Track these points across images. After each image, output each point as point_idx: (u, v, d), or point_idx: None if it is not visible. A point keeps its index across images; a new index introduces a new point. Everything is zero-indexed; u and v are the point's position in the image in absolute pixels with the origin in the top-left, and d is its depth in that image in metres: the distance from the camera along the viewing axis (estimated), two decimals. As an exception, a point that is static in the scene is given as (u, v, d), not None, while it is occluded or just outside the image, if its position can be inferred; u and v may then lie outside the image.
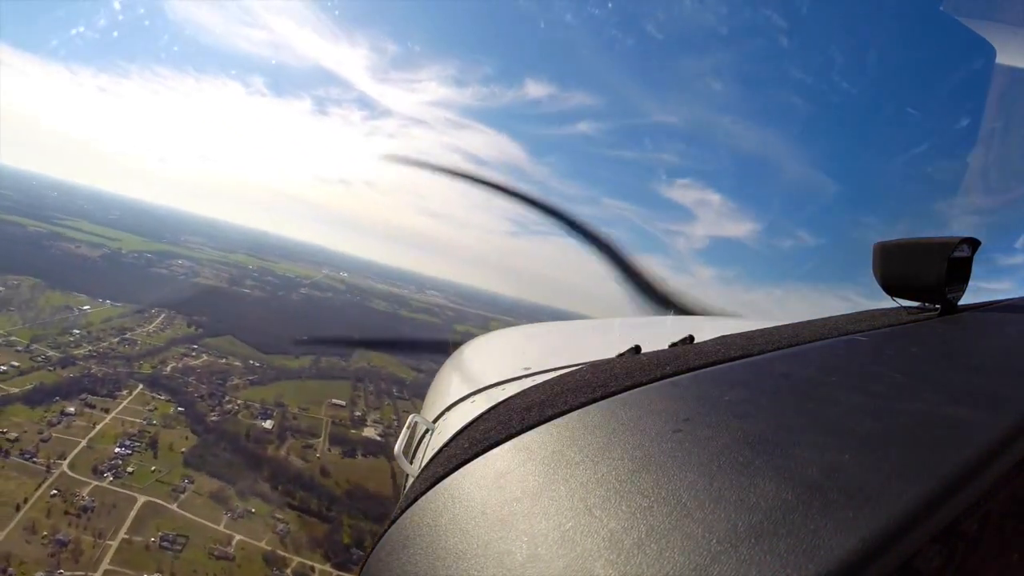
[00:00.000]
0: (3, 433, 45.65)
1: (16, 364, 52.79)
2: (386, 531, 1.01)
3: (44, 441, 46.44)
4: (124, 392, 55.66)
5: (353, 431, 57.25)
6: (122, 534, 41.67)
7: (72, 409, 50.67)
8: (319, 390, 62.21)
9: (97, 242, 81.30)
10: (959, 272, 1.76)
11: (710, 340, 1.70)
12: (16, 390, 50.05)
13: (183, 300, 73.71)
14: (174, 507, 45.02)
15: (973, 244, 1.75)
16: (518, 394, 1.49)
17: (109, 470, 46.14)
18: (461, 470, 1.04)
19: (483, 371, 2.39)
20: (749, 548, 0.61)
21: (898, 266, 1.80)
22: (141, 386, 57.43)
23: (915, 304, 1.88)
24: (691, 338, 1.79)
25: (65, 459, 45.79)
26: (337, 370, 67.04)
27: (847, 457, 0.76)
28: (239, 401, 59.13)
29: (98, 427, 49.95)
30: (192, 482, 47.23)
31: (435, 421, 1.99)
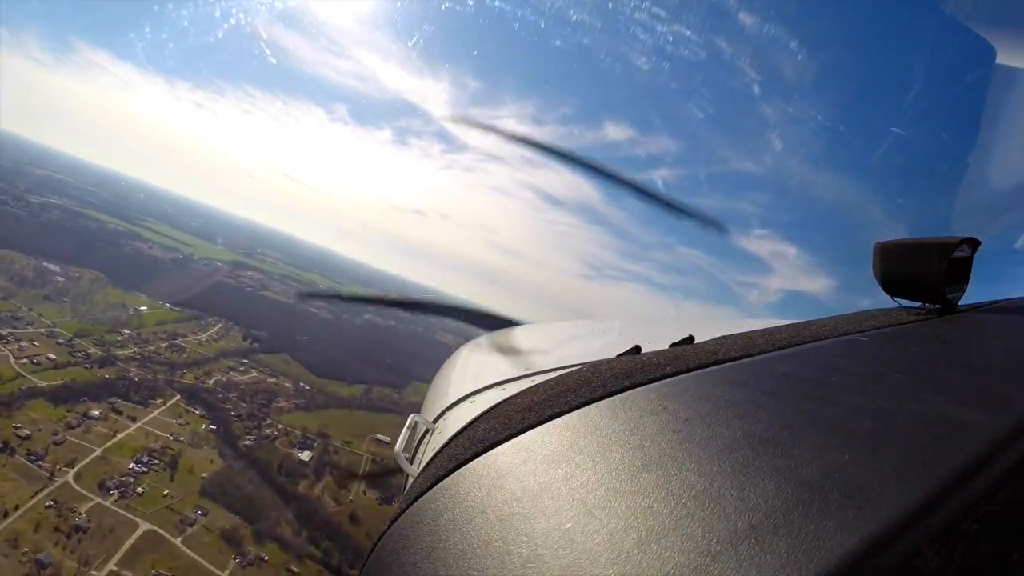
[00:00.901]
0: (15, 429, 40.56)
1: (53, 357, 48.67)
2: (386, 531, 1.02)
3: (56, 444, 41.04)
4: (158, 401, 50.27)
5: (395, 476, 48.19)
6: (111, 565, 34.76)
7: (97, 412, 45.37)
8: (366, 422, 54.63)
9: (171, 245, 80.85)
10: (959, 272, 1.76)
11: (710, 340, 1.70)
12: (44, 384, 45.47)
13: (244, 312, 69.65)
14: (178, 542, 37.90)
15: (973, 244, 1.75)
16: (518, 394, 1.50)
17: (117, 487, 39.85)
18: (461, 470, 1.05)
19: (483, 371, 2.40)
20: (749, 548, 0.61)
21: (898, 266, 1.79)
22: (178, 396, 52.03)
23: (915, 304, 1.86)
24: (691, 338, 1.82)
25: (73, 467, 39.99)
26: (388, 402, 59.40)
27: (847, 457, 0.77)
28: (280, 426, 52.65)
29: (118, 436, 44.21)
30: (205, 514, 40.21)
31: (435, 421, 1.96)
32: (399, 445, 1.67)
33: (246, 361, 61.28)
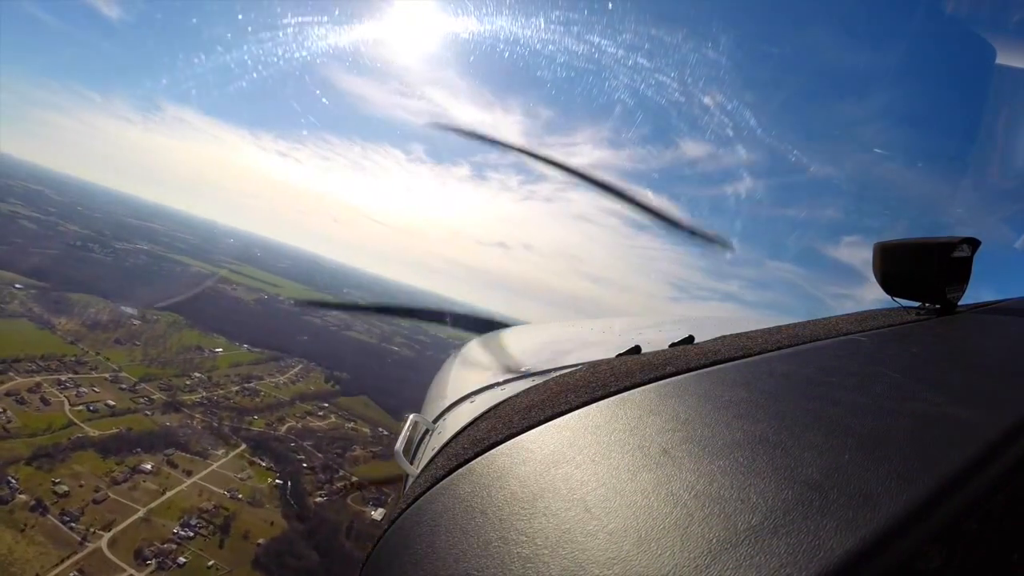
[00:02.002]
0: (54, 484, 35.02)
1: (112, 403, 43.99)
2: (386, 531, 1.04)
3: (96, 503, 35.02)
4: (220, 451, 43.87)
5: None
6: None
7: (149, 466, 39.34)
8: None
9: (256, 287, 78.68)
10: (959, 272, 1.75)
11: (710, 340, 1.73)
12: (96, 434, 40.35)
13: (327, 352, 63.95)
14: (218, 630, 29.93)
15: (973, 244, 1.73)
16: (518, 394, 1.53)
17: (156, 556, 32.77)
18: (461, 470, 1.05)
19: (483, 371, 2.39)
20: (749, 548, 0.62)
21: (898, 266, 1.79)
22: (244, 446, 45.58)
23: (915, 304, 1.86)
24: (691, 338, 1.84)
25: (109, 530, 33.47)
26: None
27: (847, 457, 0.77)
28: (354, 478, 44.72)
29: (168, 494, 37.62)
30: (255, 592, 32.15)
31: (435, 421, 1.97)
32: (399, 445, 1.65)
33: (325, 405, 54.78)
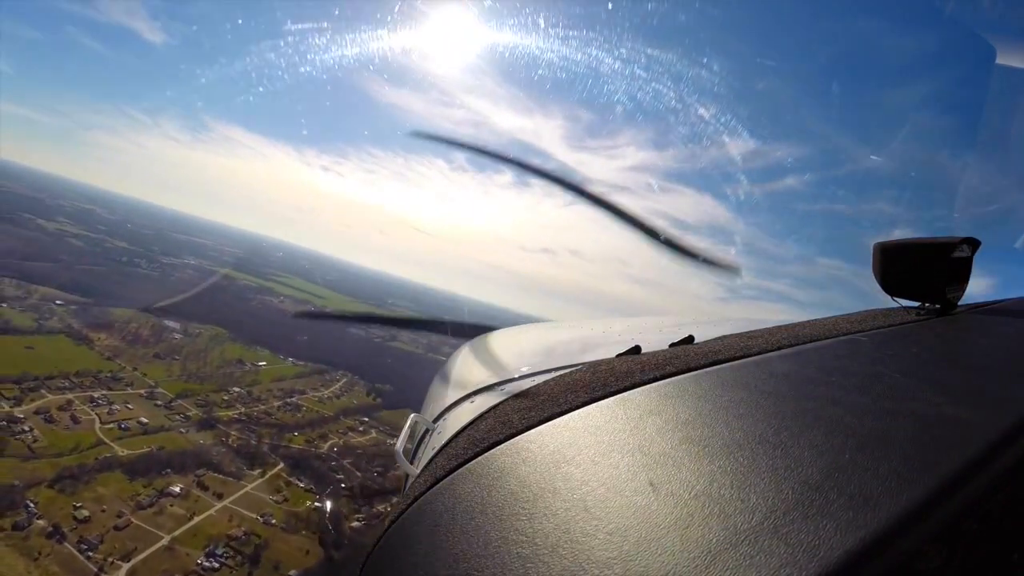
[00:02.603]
0: (75, 509, 32.37)
1: (144, 420, 41.64)
2: (386, 531, 1.05)
3: (118, 529, 32.13)
4: (256, 472, 40.62)
5: None
6: None
7: (178, 488, 36.36)
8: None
9: (303, 298, 77.07)
10: (959, 272, 1.75)
11: (710, 340, 1.75)
12: (125, 453, 37.78)
13: (370, 364, 60.78)
14: None
15: (973, 244, 1.74)
16: (518, 394, 1.53)
17: (176, 591, 29.45)
18: (461, 470, 1.07)
19: (483, 371, 2.39)
20: (749, 548, 0.62)
21: (898, 266, 1.79)
22: (282, 465, 42.30)
23: (915, 304, 1.86)
24: (691, 338, 1.84)
25: (128, 560, 30.43)
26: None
27: (847, 457, 0.77)
28: (393, 499, 40.56)
29: (195, 520, 34.39)
30: (283, 634, 28.30)
31: (435, 421, 1.98)
32: (399, 445, 1.64)
33: (367, 419, 51.11)
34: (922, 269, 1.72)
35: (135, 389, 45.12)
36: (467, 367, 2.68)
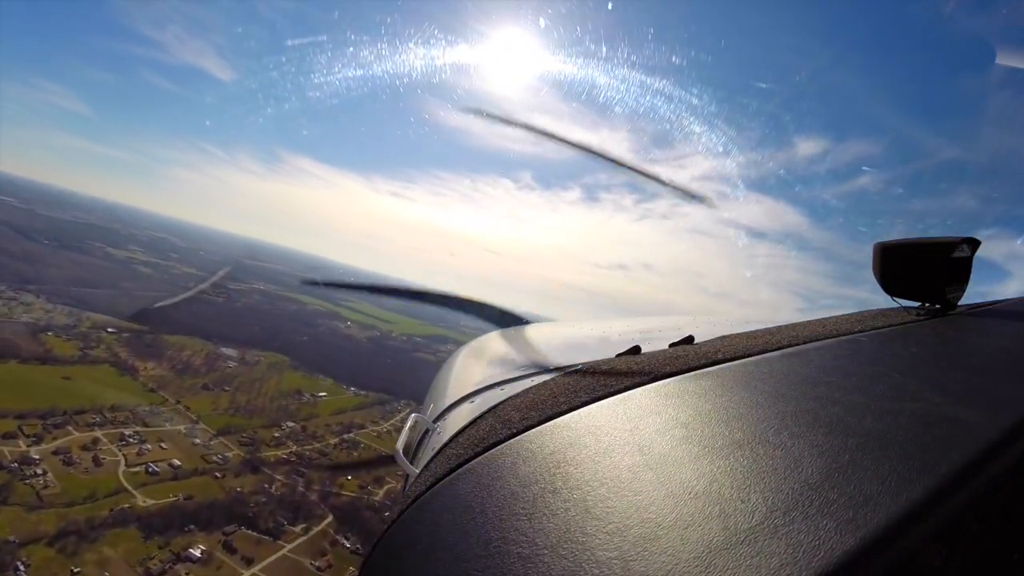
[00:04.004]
0: (72, 573, 26.49)
1: (177, 463, 36.17)
2: (387, 531, 1.05)
3: (116, 605, 25.73)
4: (299, 527, 33.55)
5: None
6: None
7: (199, 551, 29.95)
8: None
9: (369, 323, 71.51)
10: (959, 272, 1.76)
11: (710, 340, 1.74)
12: (146, 503, 31.93)
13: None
14: None
15: (973, 244, 1.74)
16: (518, 394, 1.53)
17: None
18: (461, 470, 1.07)
19: (483, 371, 2.38)
20: (749, 548, 0.63)
21: (898, 266, 1.79)
22: (330, 518, 35.05)
23: (915, 304, 1.87)
24: (691, 338, 1.83)
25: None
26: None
27: (847, 457, 0.78)
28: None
29: (210, 594, 27.49)
30: None
31: (435, 421, 1.96)
32: (399, 445, 1.64)
33: (431, 460, 43.15)
34: (922, 269, 1.71)
35: (174, 425, 40.26)
36: (467, 367, 2.64)
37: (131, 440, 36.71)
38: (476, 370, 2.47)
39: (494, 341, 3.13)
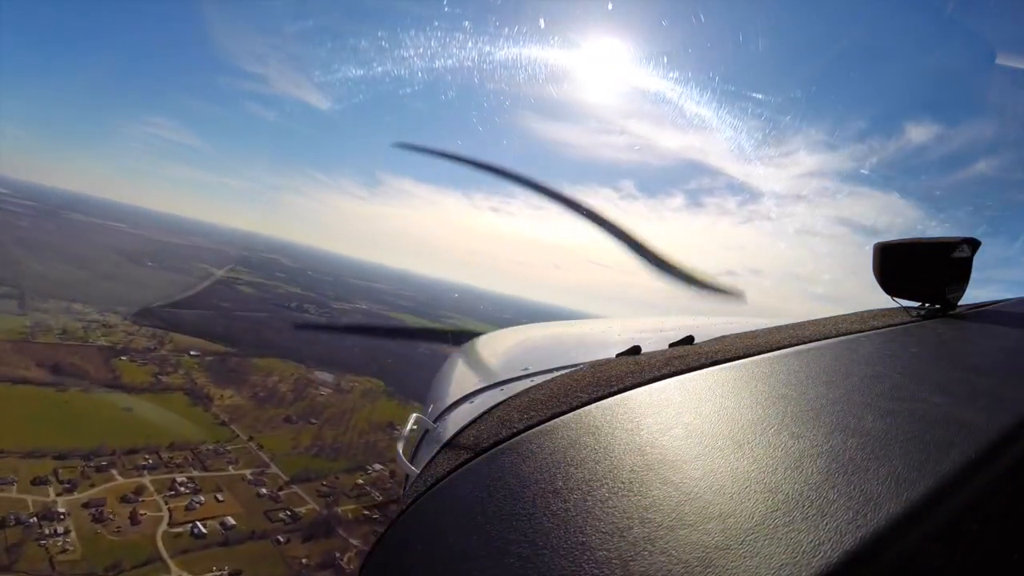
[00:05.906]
0: None
1: (232, 522, 28.80)
2: (387, 531, 1.06)
3: None
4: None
5: None
6: None
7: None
8: None
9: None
10: (959, 272, 1.75)
11: (710, 340, 1.74)
12: (177, 580, 23.89)
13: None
14: None
15: (973, 244, 1.75)
16: (518, 394, 1.53)
17: None
18: (461, 470, 1.07)
19: (483, 371, 2.39)
20: (749, 548, 0.63)
21: (898, 266, 1.79)
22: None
23: (915, 304, 1.87)
24: (691, 338, 1.83)
25: None
26: None
27: (847, 457, 0.78)
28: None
29: None
30: None
31: (435, 421, 1.96)
32: (400, 445, 1.63)
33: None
34: (922, 269, 1.72)
35: (239, 468, 33.05)
36: (467, 367, 2.62)
37: (182, 489, 30.06)
38: (476, 370, 2.45)
39: (495, 341, 3.08)
